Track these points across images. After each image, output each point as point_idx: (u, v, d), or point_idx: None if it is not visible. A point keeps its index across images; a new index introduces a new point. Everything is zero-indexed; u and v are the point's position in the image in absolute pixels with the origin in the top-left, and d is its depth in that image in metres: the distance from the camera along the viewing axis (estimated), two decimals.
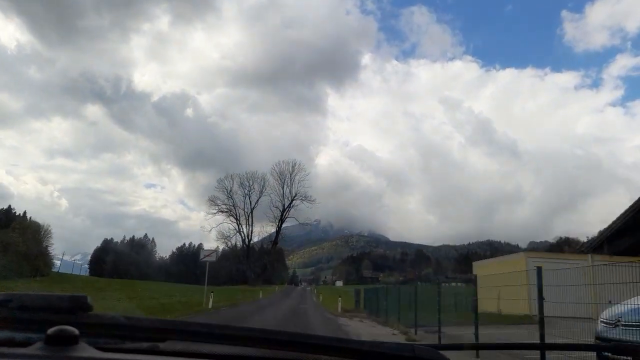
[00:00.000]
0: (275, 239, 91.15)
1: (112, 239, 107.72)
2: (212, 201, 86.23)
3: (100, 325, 1.13)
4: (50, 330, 1.01)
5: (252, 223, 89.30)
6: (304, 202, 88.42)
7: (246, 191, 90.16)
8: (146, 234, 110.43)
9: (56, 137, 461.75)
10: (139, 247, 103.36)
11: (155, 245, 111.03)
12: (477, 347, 2.28)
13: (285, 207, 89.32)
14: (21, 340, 1.11)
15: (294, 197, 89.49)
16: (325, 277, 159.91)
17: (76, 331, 1.03)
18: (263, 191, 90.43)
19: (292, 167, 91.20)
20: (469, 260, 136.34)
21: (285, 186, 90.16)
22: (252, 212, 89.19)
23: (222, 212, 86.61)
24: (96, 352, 1.05)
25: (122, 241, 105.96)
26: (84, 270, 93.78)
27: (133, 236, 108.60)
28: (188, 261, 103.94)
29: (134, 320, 1.16)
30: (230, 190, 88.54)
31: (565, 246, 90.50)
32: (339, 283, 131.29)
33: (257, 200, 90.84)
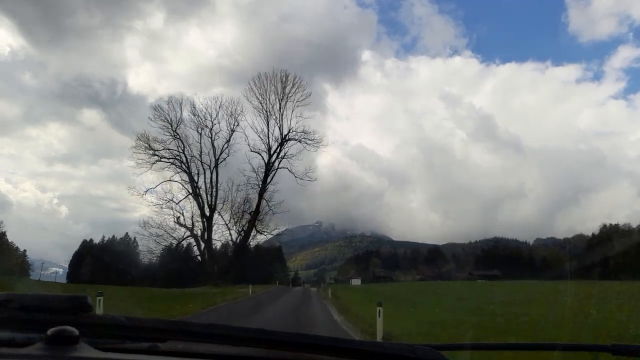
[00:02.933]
0: (256, 207, 51.34)
1: (91, 240, 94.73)
2: (144, 142, 48.63)
3: (101, 325, 1.14)
4: (51, 331, 1.02)
5: (217, 183, 51.92)
6: (304, 143, 50.67)
7: (205, 126, 51.59)
8: (127, 233, 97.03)
9: (54, 144, 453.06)
10: (121, 248, 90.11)
11: (137, 245, 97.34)
12: (477, 347, 2.04)
13: (273, 152, 51.40)
14: (21, 341, 1.13)
15: (286, 136, 51.10)
16: (331, 278, 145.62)
17: (76, 331, 1.03)
18: (235, 129, 51.79)
19: (282, 82, 50.64)
20: (488, 256, 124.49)
21: (270, 118, 51.23)
22: (217, 165, 51.84)
23: (162, 160, 49.41)
24: (96, 352, 1.07)
25: (101, 241, 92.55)
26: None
27: (113, 236, 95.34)
28: (180, 261, 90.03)
29: (135, 320, 1.16)
30: (177, 126, 50.26)
31: (613, 234, 77.04)
32: (356, 281, 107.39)
33: (226, 144, 51.96)
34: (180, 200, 51.20)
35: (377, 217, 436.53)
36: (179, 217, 51.21)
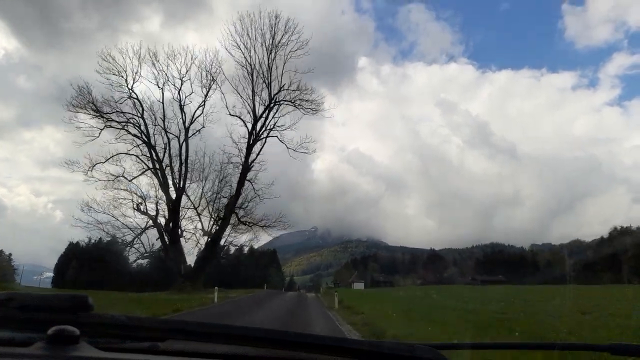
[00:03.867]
0: (237, 188, 40.24)
1: (77, 242, 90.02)
2: (86, 98, 36.56)
3: (101, 324, 1.14)
4: (51, 330, 1.02)
5: (186, 158, 40.50)
6: (300, 107, 39.57)
7: (172, 83, 40.29)
8: (115, 234, 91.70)
9: (49, 147, 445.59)
10: (106, 251, 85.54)
11: (125, 248, 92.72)
12: (477, 346, 2.02)
13: (259, 117, 40.05)
14: (22, 340, 1.14)
15: (276, 97, 39.88)
16: (331, 282, 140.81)
17: (77, 331, 1.04)
18: (211, 86, 40.28)
19: (272, 28, 39.08)
20: (489, 261, 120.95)
21: (257, 75, 39.51)
22: (187, 135, 40.48)
23: (111, 124, 38.03)
24: (97, 352, 1.08)
25: (87, 244, 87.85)
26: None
27: (100, 238, 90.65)
28: (167, 265, 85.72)
29: (135, 319, 1.17)
30: (134, 82, 38.87)
31: (626, 236, 73.63)
32: (359, 285, 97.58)
33: (200, 108, 40.94)
34: (135, 177, 39.31)
35: (374, 222, 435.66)
36: (140, 202, 39.33)
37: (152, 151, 39.32)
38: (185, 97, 40.29)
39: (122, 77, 38.05)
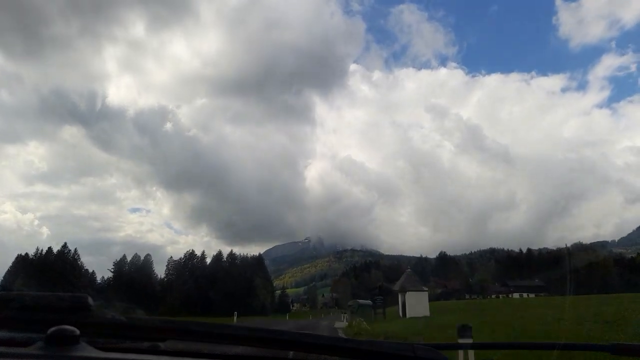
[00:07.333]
0: None
1: (27, 254, 73.71)
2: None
3: (101, 324, 1.14)
4: (51, 330, 1.02)
5: None
6: None
7: None
8: (65, 243, 76.59)
9: (34, 162, 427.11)
10: (59, 264, 69.09)
11: (79, 258, 77.25)
12: (477, 346, 2.18)
13: None
14: (22, 340, 1.13)
15: None
16: (373, 296, 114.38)
17: (76, 331, 1.04)
18: None
19: None
20: (514, 265, 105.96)
21: None
22: None
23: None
24: (97, 352, 1.06)
25: (35, 254, 71.32)
26: None
27: (49, 248, 74.50)
28: (134, 280, 69.18)
29: (135, 320, 1.18)
30: None
31: None
32: (419, 300, 38.48)
33: None
34: None
35: (367, 231, 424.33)
36: None
37: None
38: None
39: None
